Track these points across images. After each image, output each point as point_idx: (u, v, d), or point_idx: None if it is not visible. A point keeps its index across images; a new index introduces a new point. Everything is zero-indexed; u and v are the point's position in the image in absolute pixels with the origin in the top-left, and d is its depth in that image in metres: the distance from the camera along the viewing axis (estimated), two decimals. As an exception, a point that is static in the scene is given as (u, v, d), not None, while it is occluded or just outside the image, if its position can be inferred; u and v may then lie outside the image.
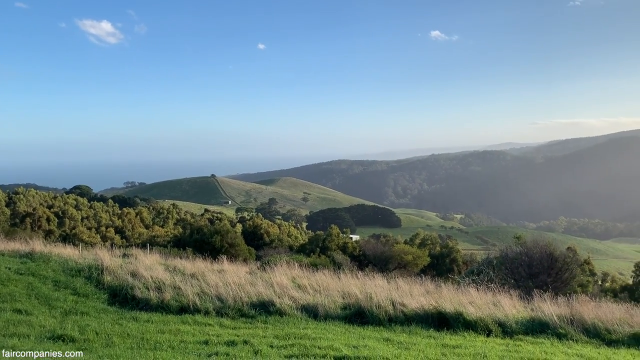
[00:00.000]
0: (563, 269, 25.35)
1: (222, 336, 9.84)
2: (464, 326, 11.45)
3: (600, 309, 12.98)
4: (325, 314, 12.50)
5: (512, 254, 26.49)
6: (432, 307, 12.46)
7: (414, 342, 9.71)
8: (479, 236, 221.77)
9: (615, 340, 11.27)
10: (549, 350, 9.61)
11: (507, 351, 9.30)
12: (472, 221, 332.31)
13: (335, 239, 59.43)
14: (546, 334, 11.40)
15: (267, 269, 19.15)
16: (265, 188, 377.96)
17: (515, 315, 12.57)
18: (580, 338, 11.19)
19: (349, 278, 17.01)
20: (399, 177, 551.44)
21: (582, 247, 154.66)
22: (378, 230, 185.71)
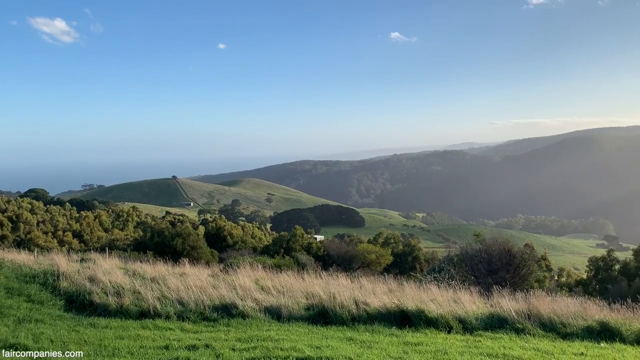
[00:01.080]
0: (521, 265, 26.01)
1: (184, 340, 9.68)
2: (426, 323, 11.61)
3: (556, 303, 13.37)
4: (288, 315, 12.45)
5: (472, 252, 27.01)
6: (394, 305, 12.58)
7: (377, 341, 9.78)
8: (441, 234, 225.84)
9: (570, 333, 11.64)
10: (508, 345, 9.84)
11: (467, 347, 9.48)
12: (434, 220, 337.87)
13: (300, 239, 59.38)
14: (505, 329, 11.67)
15: (230, 271, 18.97)
16: (228, 189, 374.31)
17: (475, 312, 12.81)
18: (537, 332, 11.50)
19: (312, 278, 17.02)
20: (363, 177, 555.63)
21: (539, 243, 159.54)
22: (342, 230, 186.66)
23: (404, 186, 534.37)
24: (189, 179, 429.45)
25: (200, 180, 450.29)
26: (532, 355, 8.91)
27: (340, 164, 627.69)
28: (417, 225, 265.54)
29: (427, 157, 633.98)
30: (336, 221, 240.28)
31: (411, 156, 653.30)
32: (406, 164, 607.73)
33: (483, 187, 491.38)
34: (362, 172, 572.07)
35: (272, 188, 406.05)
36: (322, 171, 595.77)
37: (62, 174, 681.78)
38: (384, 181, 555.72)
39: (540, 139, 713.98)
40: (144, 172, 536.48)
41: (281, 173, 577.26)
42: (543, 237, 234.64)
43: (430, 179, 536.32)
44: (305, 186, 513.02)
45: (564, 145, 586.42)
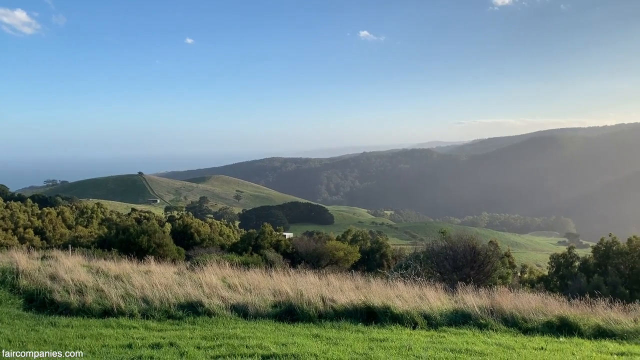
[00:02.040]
0: (485, 261, 26.58)
1: (147, 339, 9.53)
2: (392, 320, 11.73)
3: (518, 299, 13.70)
4: (255, 313, 12.41)
5: (438, 249, 27.48)
6: (361, 302, 12.67)
7: (343, 337, 9.84)
8: (408, 231, 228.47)
9: (531, 328, 11.95)
10: (471, 340, 10.04)
11: (432, 342, 9.63)
12: (402, 217, 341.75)
13: (268, 237, 59.16)
14: (468, 324, 11.89)
15: (197, 269, 18.77)
16: (196, 186, 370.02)
17: (440, 308, 13.02)
18: (500, 327, 11.77)
19: (280, 276, 16.96)
20: (332, 174, 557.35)
21: (503, 240, 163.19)
22: (311, 227, 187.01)
23: (373, 184, 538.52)
24: (156, 176, 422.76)
25: (167, 177, 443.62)
26: (494, 350, 9.11)
27: (310, 161, 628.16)
28: (386, 223, 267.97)
29: (395, 155, 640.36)
30: (305, 219, 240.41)
31: (380, 154, 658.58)
32: (375, 162, 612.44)
33: (450, 185, 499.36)
34: (331, 169, 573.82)
35: (241, 185, 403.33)
36: (292, 169, 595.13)
37: (24, 169, 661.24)
38: (353, 179, 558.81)
39: (505, 139, 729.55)
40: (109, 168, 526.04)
41: (250, 170, 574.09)
42: (507, 235, 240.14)
43: (398, 177, 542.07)
44: (274, 183, 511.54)
45: (527, 145, 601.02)
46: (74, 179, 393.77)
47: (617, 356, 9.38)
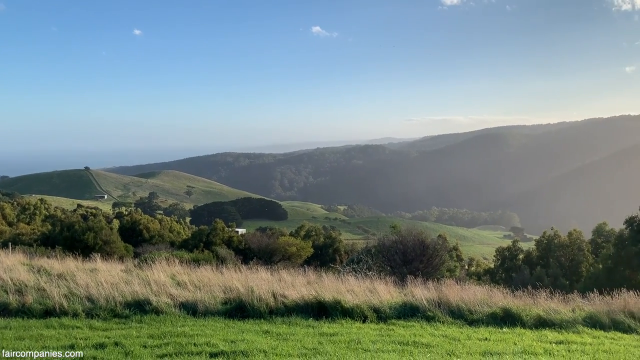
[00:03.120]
0: (434, 255, 27.25)
1: (91, 339, 9.23)
2: (342, 314, 11.83)
3: (465, 291, 14.09)
4: (205, 310, 12.24)
5: (389, 243, 27.95)
6: (312, 297, 12.71)
7: (293, 333, 9.85)
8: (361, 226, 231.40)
9: (477, 319, 12.32)
10: (418, 333, 10.25)
11: (380, 336, 9.77)
12: (355, 212, 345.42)
13: (220, 233, 58.47)
14: (417, 317, 12.14)
15: (145, 266, 18.39)
16: (145, 181, 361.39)
17: (390, 301, 13.22)
18: (446, 319, 12.07)
19: (232, 272, 16.86)
20: (286, 170, 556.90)
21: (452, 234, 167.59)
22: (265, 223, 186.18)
23: (327, 179, 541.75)
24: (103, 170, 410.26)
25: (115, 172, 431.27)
26: (440, 342, 9.33)
27: (264, 156, 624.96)
28: (339, 218, 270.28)
29: (349, 151, 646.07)
30: (259, 214, 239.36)
31: (334, 150, 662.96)
32: (329, 157, 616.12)
33: (401, 180, 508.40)
34: (285, 165, 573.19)
35: (193, 180, 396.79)
36: (245, 164, 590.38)
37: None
38: (307, 174, 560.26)
39: (454, 136, 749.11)
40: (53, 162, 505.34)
41: (202, 165, 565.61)
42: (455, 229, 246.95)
43: (352, 173, 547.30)
44: (227, 179, 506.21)
45: (475, 142, 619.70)
46: (16, 174, 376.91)
47: (556, 345, 9.80)
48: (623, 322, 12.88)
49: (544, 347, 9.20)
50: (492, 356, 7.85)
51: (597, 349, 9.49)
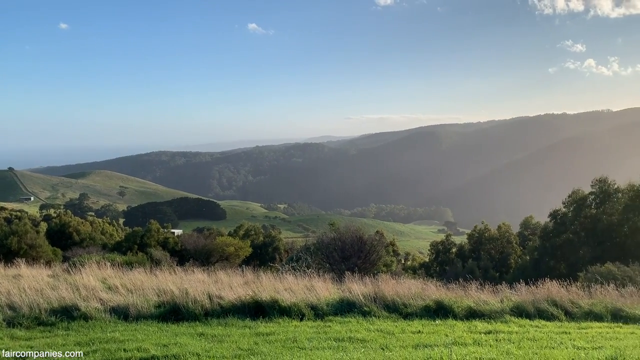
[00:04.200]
0: (371, 251, 27.68)
1: (13, 349, 8.70)
2: (280, 313, 11.78)
3: (400, 286, 14.39)
4: (137, 315, 11.84)
5: (327, 240, 28.12)
6: (249, 297, 12.58)
7: (229, 334, 9.71)
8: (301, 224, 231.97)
9: (411, 313, 12.61)
10: (354, 328, 10.37)
11: (317, 333, 9.80)
12: (295, 210, 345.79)
13: (155, 234, 56.80)
14: (353, 312, 12.27)
15: (74, 270, 17.65)
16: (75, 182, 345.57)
17: (328, 298, 13.30)
18: (382, 314, 12.28)
19: (166, 274, 16.51)
20: (224, 168, 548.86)
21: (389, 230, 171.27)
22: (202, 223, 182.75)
23: (266, 178, 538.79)
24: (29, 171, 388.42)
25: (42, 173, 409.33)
26: (375, 337, 9.48)
27: (201, 155, 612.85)
28: (279, 217, 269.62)
29: (288, 149, 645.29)
30: (196, 214, 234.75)
31: (273, 148, 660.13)
32: (268, 155, 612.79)
33: (340, 178, 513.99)
34: (223, 163, 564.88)
35: (126, 180, 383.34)
36: (181, 163, 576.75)
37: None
38: (246, 173, 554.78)
39: (391, 134, 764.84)
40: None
41: (136, 164, 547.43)
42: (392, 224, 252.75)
43: (291, 171, 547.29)
44: (162, 178, 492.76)
45: (410, 140, 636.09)
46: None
47: (485, 334, 10.20)
48: (547, 310, 13.61)
49: (474, 338, 9.55)
50: (424, 348, 8.05)
51: (522, 337, 9.95)
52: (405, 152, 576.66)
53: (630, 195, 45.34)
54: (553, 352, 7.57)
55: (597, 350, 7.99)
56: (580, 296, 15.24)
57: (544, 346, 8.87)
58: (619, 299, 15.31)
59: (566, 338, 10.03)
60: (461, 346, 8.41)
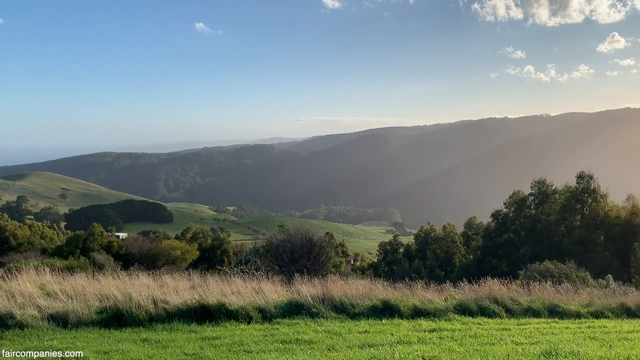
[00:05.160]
0: (321, 252, 27.78)
1: (-62, 363, 8.20)
2: (227, 316, 11.65)
3: (348, 286, 14.53)
4: (77, 321, 11.40)
5: (277, 242, 28.00)
6: (195, 301, 12.38)
7: (174, 339, 9.51)
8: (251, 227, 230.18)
9: (358, 313, 12.75)
10: (302, 330, 10.38)
11: (264, 336, 9.76)
12: (245, 212, 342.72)
13: (99, 238, 54.92)
14: (302, 314, 12.28)
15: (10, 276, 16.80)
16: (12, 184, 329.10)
17: (276, 300, 13.25)
18: (330, 315, 12.35)
19: (109, 279, 16.01)
20: (171, 170, 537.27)
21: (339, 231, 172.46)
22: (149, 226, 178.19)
23: (215, 180, 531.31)
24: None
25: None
26: (322, 338, 9.52)
27: (147, 156, 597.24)
28: (228, 219, 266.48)
29: (238, 150, 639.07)
30: (142, 217, 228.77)
31: (222, 149, 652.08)
32: (217, 157, 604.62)
33: (291, 180, 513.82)
34: (170, 165, 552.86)
35: (68, 182, 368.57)
36: (126, 164, 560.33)
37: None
38: (194, 175, 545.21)
39: (340, 136, 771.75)
40: None
41: (78, 166, 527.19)
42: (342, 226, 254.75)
43: (241, 173, 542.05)
44: (106, 180, 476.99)
45: (360, 142, 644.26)
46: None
47: (429, 333, 10.45)
48: (488, 308, 14.11)
49: (418, 336, 9.76)
50: (369, 348, 8.16)
51: (465, 334, 10.26)
52: (355, 154, 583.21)
53: (567, 196, 47.67)
54: (493, 348, 7.85)
55: (534, 345, 8.33)
56: (519, 293, 15.89)
57: (485, 342, 9.18)
58: (556, 295, 16.08)
59: (506, 334, 10.42)
60: (406, 345, 8.57)
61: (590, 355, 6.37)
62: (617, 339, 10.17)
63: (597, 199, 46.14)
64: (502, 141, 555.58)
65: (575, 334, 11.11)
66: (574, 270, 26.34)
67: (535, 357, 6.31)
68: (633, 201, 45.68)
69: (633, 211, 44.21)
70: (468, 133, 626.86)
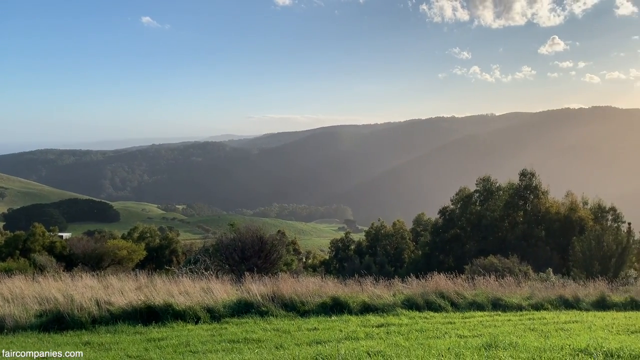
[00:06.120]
0: (272, 250, 27.71)
1: None
2: (174, 317, 11.44)
3: (299, 284, 14.54)
4: (14, 326, 10.93)
5: (227, 241, 27.72)
6: (141, 302, 12.09)
7: (118, 341, 9.24)
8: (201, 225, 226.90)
9: (308, 310, 12.79)
10: (251, 329, 10.30)
11: (212, 336, 9.62)
12: (194, 211, 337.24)
13: (40, 238, 52.63)
14: (251, 313, 12.21)
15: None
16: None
17: (225, 299, 13.11)
18: (280, 313, 12.34)
19: (50, 281, 15.47)
20: (118, 168, 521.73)
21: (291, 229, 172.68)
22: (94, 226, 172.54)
23: (164, 177, 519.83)
24: None
25: None
26: (271, 336, 9.49)
27: (92, 153, 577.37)
28: (177, 218, 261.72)
29: (187, 148, 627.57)
30: (87, 217, 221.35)
31: (171, 147, 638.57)
32: (165, 154, 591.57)
33: (242, 178, 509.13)
34: (117, 163, 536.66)
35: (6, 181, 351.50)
36: (70, 162, 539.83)
37: None
38: (142, 173, 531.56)
39: (292, 134, 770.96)
40: None
41: (18, 164, 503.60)
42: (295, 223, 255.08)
43: (191, 171, 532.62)
44: (49, 178, 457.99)
45: (312, 140, 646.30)
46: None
47: (377, 328, 10.60)
48: (435, 302, 14.46)
49: (366, 332, 9.89)
50: (317, 345, 8.18)
51: (411, 328, 10.48)
52: (308, 152, 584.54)
53: (510, 193, 49.50)
54: (437, 342, 8.04)
55: (477, 338, 8.60)
56: (465, 288, 16.36)
57: (430, 336, 9.39)
58: (499, 288, 16.65)
59: (451, 328, 10.71)
60: (353, 340, 8.66)
61: (527, 346, 6.63)
62: (554, 330, 10.64)
63: (539, 196, 48.14)
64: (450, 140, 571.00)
65: (516, 325, 11.54)
66: (517, 265, 27.33)
67: (476, 349, 6.51)
68: (572, 197, 47.95)
69: (572, 207, 46.39)
70: (418, 132, 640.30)
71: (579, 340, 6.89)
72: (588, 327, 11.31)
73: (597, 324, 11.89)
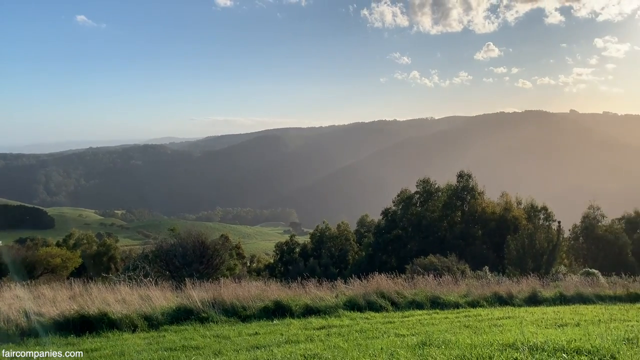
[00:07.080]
0: (214, 255, 27.33)
1: None
2: (109, 326, 11.06)
3: (241, 288, 14.38)
4: None
5: (167, 246, 27.14)
6: (74, 311, 11.60)
7: (47, 355, 8.82)
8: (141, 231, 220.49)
9: (250, 315, 12.66)
10: (190, 336, 10.09)
11: (149, 344, 9.36)
12: (134, 216, 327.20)
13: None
14: (191, 320, 11.96)
15: None
16: None
17: (164, 307, 12.78)
18: (220, 319, 12.15)
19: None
20: (52, 172, 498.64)
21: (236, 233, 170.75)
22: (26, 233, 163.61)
23: (102, 182, 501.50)
24: None
25: None
26: (210, 343, 9.34)
27: (23, 157, 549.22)
28: (116, 223, 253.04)
29: (126, 151, 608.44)
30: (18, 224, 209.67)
31: (109, 150, 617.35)
32: (103, 158, 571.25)
33: (185, 181, 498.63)
34: (51, 166, 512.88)
35: None
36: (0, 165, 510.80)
37: None
38: (78, 177, 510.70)
39: (236, 136, 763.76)
40: None
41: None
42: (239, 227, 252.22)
43: (131, 174, 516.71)
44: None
45: (257, 142, 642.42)
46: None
47: (318, 330, 10.64)
48: (376, 302, 14.67)
49: (307, 334, 9.91)
50: (257, 350, 8.13)
51: (351, 329, 10.60)
52: (252, 155, 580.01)
53: (449, 194, 51.07)
54: (375, 342, 8.17)
55: (413, 336, 8.79)
56: (405, 287, 16.69)
57: (369, 337, 9.53)
58: (437, 287, 17.10)
59: (390, 327, 10.90)
60: (294, 344, 8.65)
61: (460, 342, 6.85)
62: (488, 326, 11.06)
63: (475, 196, 49.94)
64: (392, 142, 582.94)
65: (452, 323, 11.89)
66: (455, 263, 28.21)
67: (410, 348, 6.67)
68: (506, 198, 50.05)
69: (506, 207, 48.41)
70: (361, 134, 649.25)
71: (509, 335, 7.20)
72: (519, 322, 11.82)
73: (527, 319, 12.44)
